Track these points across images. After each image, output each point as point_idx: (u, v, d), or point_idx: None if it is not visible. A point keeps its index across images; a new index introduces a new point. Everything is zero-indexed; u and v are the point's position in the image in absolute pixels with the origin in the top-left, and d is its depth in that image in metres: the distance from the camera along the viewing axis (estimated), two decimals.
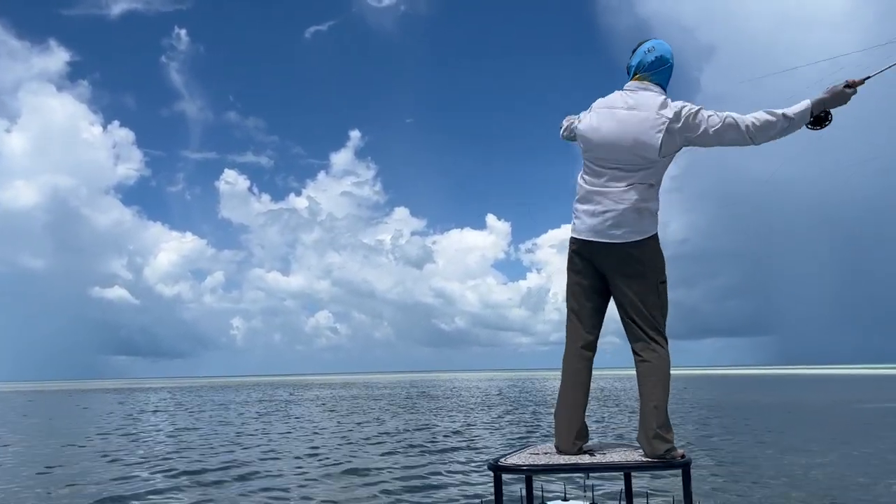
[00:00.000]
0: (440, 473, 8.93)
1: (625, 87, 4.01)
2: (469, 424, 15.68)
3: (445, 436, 13.20)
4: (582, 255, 3.94)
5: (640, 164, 3.84)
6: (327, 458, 10.52)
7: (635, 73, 4.02)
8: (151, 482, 8.83)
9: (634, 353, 3.89)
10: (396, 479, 8.70)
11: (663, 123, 3.72)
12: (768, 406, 19.47)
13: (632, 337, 3.90)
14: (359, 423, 17.05)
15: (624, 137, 3.83)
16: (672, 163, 3.90)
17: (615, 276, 3.88)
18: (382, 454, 10.84)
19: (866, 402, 20.16)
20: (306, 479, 8.81)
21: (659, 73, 3.96)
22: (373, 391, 41.05)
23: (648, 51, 3.96)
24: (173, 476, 9.22)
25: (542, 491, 5.08)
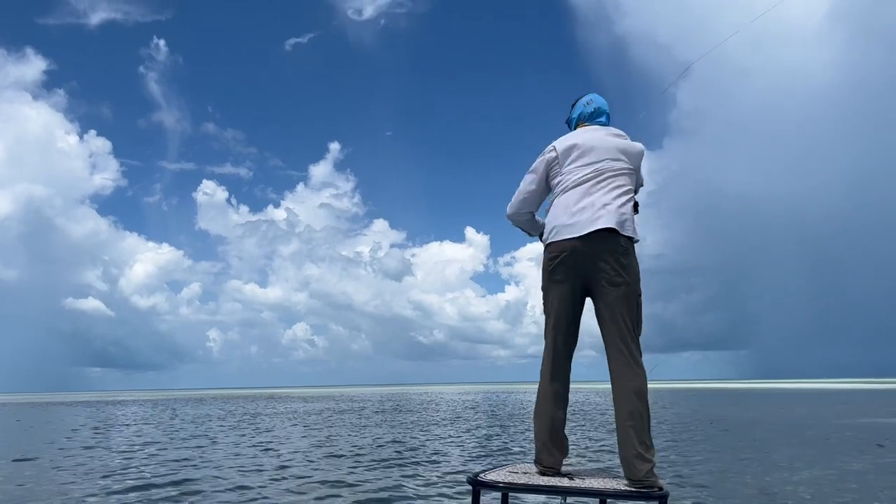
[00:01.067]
0: (409, 488, 8.56)
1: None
2: (442, 438, 15.32)
3: (416, 450, 12.83)
4: (566, 263, 3.92)
5: (623, 168, 4.10)
6: (288, 473, 10.09)
7: (577, 124, 4.43)
8: (93, 495, 8.37)
9: (614, 370, 3.89)
10: (361, 493, 8.33)
11: (641, 147, 4.21)
12: (747, 421, 19.34)
13: (613, 352, 3.88)
14: (327, 437, 16.61)
15: (608, 141, 4.17)
16: (649, 179, 4.24)
17: (601, 283, 3.86)
18: (349, 468, 10.44)
19: (842, 418, 20.13)
20: (262, 494, 8.39)
21: (599, 123, 4.34)
22: (347, 404, 40.49)
23: (587, 103, 4.39)
24: (119, 491, 8.77)
25: None
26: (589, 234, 3.91)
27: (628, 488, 3.50)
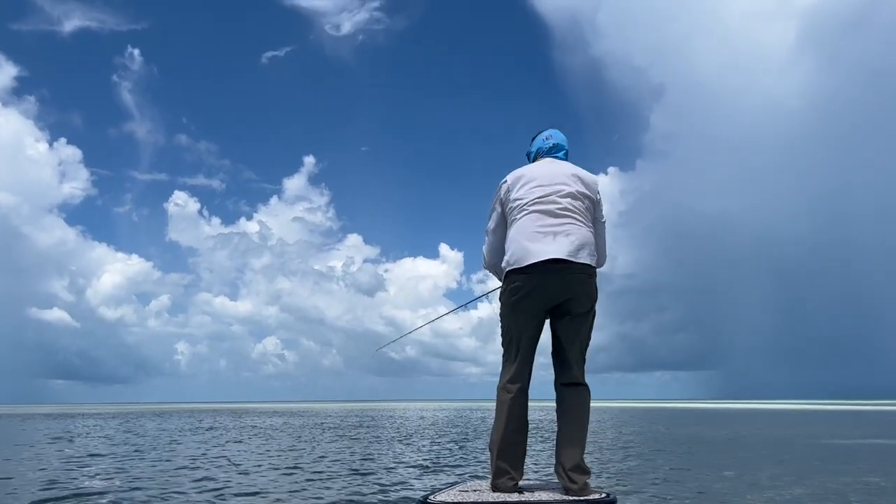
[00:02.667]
0: None
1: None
2: (400, 455, 14.52)
3: (367, 466, 12.03)
4: (529, 293, 3.87)
5: (577, 192, 4.08)
6: (216, 485, 9.17)
7: (535, 158, 4.48)
8: None
9: (564, 386, 4.04)
10: None
11: (595, 177, 4.26)
12: (723, 440, 18.83)
13: (565, 375, 4.06)
14: (273, 451, 15.70)
15: (561, 167, 4.19)
16: (621, 200, 3.97)
17: (567, 307, 3.89)
18: (294, 483, 9.57)
19: (812, 438, 19.80)
20: None
21: (557, 157, 4.37)
22: (308, 419, 39.38)
23: (546, 138, 4.43)
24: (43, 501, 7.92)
25: None
26: (548, 261, 3.85)
27: (577, 497, 3.55)
